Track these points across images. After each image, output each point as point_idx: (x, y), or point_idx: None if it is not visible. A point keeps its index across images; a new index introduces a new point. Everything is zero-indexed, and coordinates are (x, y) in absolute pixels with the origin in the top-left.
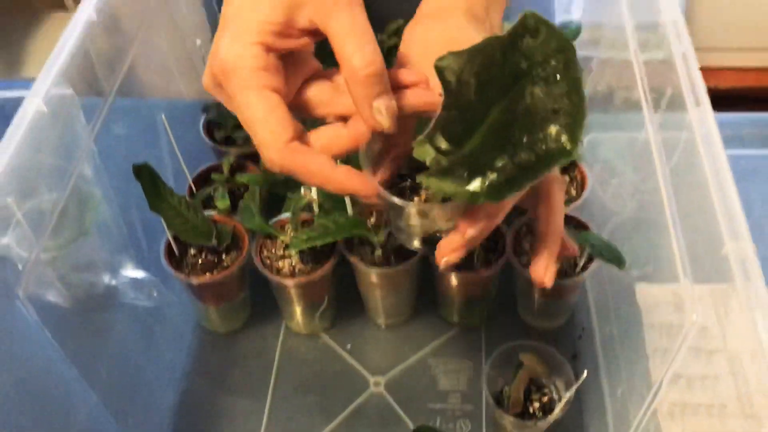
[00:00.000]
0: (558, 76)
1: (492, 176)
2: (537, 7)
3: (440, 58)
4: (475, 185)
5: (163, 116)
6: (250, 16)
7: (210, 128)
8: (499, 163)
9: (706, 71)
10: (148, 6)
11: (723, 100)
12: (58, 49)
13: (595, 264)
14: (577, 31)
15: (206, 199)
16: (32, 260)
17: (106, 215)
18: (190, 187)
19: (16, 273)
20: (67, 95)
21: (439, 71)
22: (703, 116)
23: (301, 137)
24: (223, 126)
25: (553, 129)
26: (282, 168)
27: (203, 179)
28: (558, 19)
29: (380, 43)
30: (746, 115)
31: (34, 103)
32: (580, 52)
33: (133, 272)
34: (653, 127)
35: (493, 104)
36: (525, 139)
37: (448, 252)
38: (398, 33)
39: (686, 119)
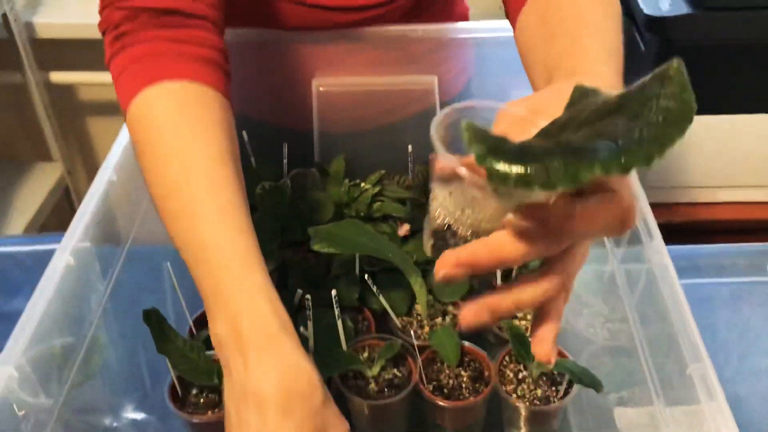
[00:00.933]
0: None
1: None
2: None
3: None
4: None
5: (168, 264)
6: None
7: None
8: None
9: (660, 207)
10: None
11: (677, 233)
12: (84, 206)
13: (575, 389)
14: None
15: (205, 339)
16: (34, 406)
17: (112, 358)
18: (191, 329)
19: (14, 419)
20: (86, 248)
21: None
22: (657, 249)
23: None
24: None
25: (663, 101)
26: None
27: (203, 321)
28: None
29: (362, 190)
30: (700, 247)
31: (63, 259)
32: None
33: (134, 414)
34: (617, 260)
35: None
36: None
37: (450, 265)
38: (380, 182)
39: (644, 253)
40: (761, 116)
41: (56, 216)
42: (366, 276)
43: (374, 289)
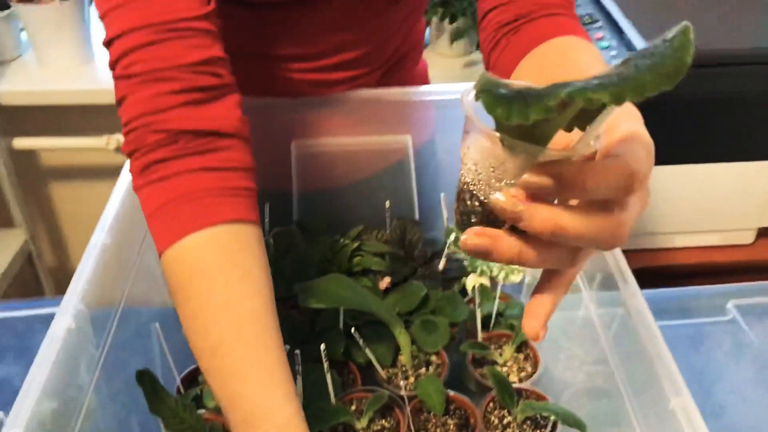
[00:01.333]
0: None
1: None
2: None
3: None
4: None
5: (157, 325)
6: None
7: None
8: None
9: (632, 254)
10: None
11: (638, 278)
12: (79, 270)
13: (560, 430)
14: None
15: (194, 398)
16: None
17: (104, 421)
18: (178, 388)
19: None
20: (83, 311)
21: None
22: (632, 292)
23: None
24: None
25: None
26: None
27: (190, 379)
28: None
29: (342, 245)
30: (663, 291)
31: (65, 322)
32: None
33: None
34: (593, 305)
35: None
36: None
37: (472, 233)
38: (359, 237)
39: (618, 296)
40: (716, 165)
41: (19, 282)
42: (353, 329)
43: (360, 342)
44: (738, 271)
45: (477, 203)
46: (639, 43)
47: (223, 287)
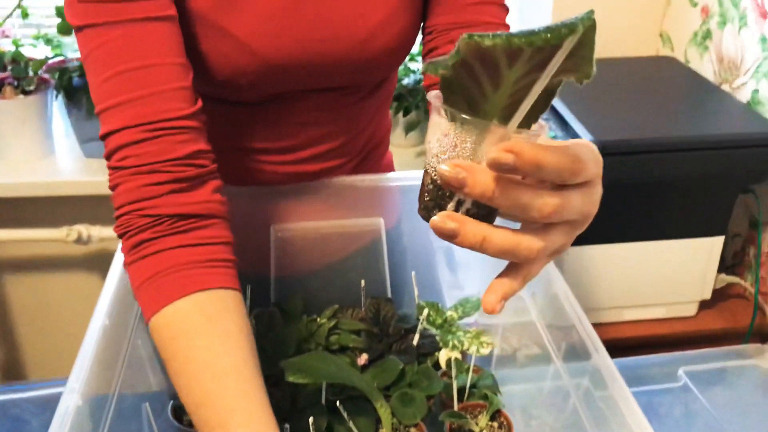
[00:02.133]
0: None
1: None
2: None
3: None
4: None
5: (147, 405)
6: None
7: (177, 413)
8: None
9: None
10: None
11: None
12: (83, 352)
13: None
14: (478, 303)
15: None
16: None
17: None
18: None
19: None
20: (86, 391)
21: None
22: (604, 360)
23: None
24: None
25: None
26: None
27: None
28: (450, 293)
29: (319, 325)
30: (618, 360)
31: (72, 399)
32: (483, 320)
33: None
34: (564, 373)
35: None
36: None
37: (446, 219)
38: (335, 316)
39: (586, 366)
40: (659, 243)
41: None
42: (338, 403)
43: (345, 415)
44: (683, 342)
45: (429, 181)
46: (584, 134)
47: (204, 347)
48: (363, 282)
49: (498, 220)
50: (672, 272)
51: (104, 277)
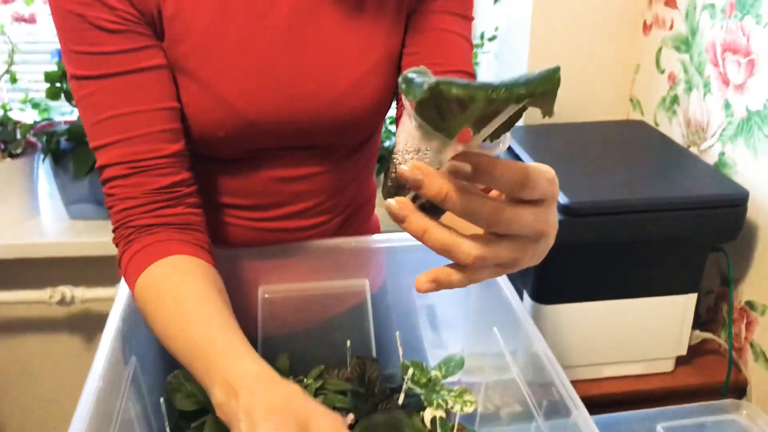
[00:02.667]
0: None
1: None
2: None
3: None
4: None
5: None
6: None
7: None
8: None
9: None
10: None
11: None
12: (80, 412)
13: None
14: (461, 362)
15: None
16: None
17: None
18: None
19: None
20: None
21: None
22: (584, 417)
23: None
24: None
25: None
26: None
27: None
28: (435, 352)
29: (305, 386)
30: (598, 417)
31: None
32: (467, 378)
33: None
34: (546, 431)
35: None
36: None
37: (400, 206)
38: (321, 376)
39: (568, 422)
40: (636, 300)
41: None
42: None
43: None
44: (661, 398)
45: (394, 170)
46: (559, 196)
47: (175, 291)
48: (348, 342)
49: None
50: (648, 329)
51: (87, 339)
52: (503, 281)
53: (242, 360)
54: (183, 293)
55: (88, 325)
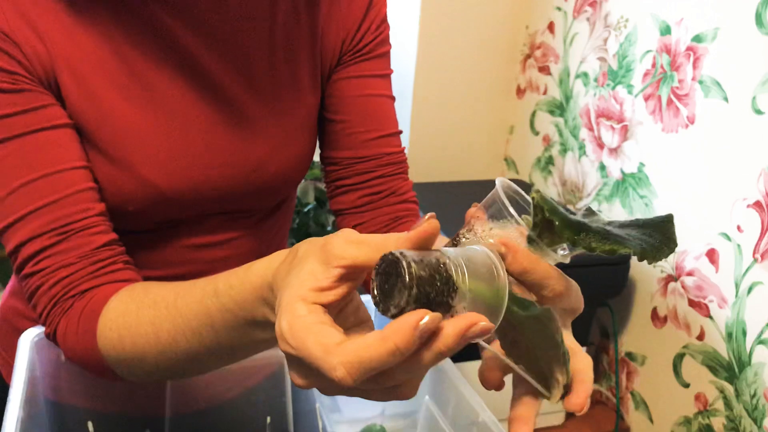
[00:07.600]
0: None
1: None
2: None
3: None
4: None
5: None
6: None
7: None
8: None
9: None
10: None
11: None
12: None
13: None
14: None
15: None
16: None
17: None
18: None
19: None
20: None
21: None
22: None
23: None
24: None
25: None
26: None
27: None
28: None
29: None
30: None
31: None
32: None
33: None
34: None
35: None
36: None
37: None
38: None
39: None
40: None
41: None
42: None
43: None
44: None
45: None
46: None
47: (147, 299)
48: (269, 418)
49: None
50: None
51: None
52: None
53: (255, 266)
54: (156, 294)
55: None
